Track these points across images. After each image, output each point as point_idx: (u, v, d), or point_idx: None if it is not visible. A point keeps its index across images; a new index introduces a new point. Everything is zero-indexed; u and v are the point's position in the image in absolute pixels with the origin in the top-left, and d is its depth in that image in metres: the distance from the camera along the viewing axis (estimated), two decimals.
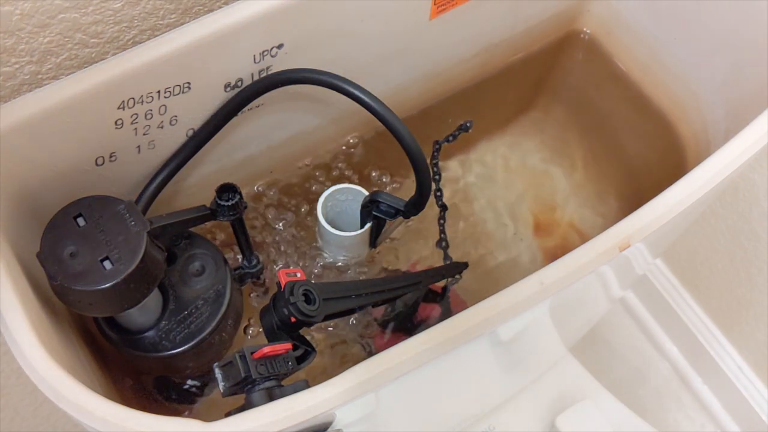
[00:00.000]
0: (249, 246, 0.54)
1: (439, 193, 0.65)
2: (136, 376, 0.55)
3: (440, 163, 0.67)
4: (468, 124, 0.65)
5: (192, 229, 0.51)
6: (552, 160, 0.73)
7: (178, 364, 0.49)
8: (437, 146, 0.66)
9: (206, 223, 0.50)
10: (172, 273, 0.49)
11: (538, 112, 0.75)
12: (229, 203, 0.49)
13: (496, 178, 0.71)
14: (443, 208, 0.64)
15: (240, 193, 0.49)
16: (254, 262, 0.56)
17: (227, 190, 0.49)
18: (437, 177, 0.65)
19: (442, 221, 0.64)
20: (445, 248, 0.63)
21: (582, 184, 0.72)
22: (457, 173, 0.70)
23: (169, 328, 0.47)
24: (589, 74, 0.73)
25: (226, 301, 0.49)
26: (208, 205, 0.49)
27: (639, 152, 0.71)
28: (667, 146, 0.68)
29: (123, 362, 0.54)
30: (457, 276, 0.62)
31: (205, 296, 0.49)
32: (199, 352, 0.48)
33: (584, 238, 0.70)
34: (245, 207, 0.50)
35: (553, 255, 0.69)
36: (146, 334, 0.47)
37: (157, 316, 0.48)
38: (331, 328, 0.59)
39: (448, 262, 0.63)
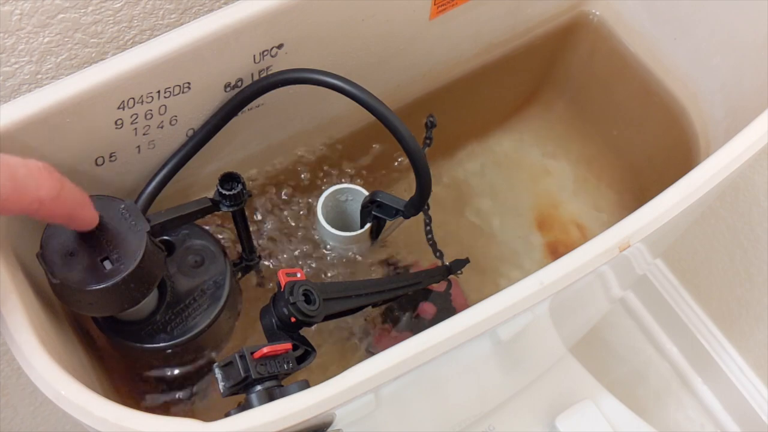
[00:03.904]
0: (249, 238, 0.54)
1: (426, 207, 0.63)
2: (135, 374, 0.55)
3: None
4: (431, 119, 0.62)
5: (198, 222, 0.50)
6: (554, 155, 0.73)
7: (176, 356, 0.49)
8: None
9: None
10: (170, 264, 0.49)
11: (539, 107, 0.75)
12: (232, 192, 0.48)
13: (498, 174, 0.71)
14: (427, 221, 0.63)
15: (243, 183, 0.48)
16: (254, 255, 0.55)
17: (230, 179, 0.49)
18: None
19: (429, 236, 0.62)
20: (441, 257, 0.62)
21: (584, 180, 0.72)
22: (458, 168, 0.70)
23: (166, 320, 0.47)
24: (591, 71, 0.73)
25: (225, 294, 0.48)
26: (210, 196, 0.49)
27: (642, 148, 0.71)
28: (669, 143, 0.68)
29: (122, 360, 0.54)
30: (459, 272, 0.61)
31: (203, 288, 0.49)
32: (197, 344, 0.48)
33: (587, 235, 0.70)
34: (249, 195, 0.50)
35: (555, 251, 0.69)
36: (143, 325, 0.47)
37: (153, 307, 0.47)
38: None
39: (448, 262, 0.63)
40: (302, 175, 0.63)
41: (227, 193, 0.48)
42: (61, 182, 0.35)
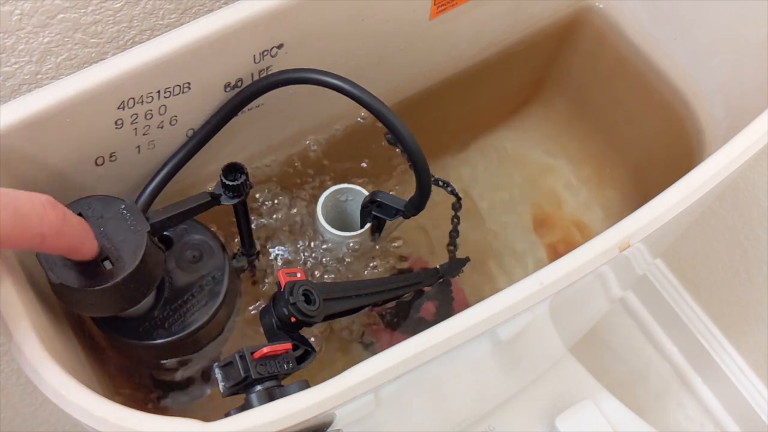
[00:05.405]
0: (250, 233, 0.54)
1: (458, 207, 0.63)
2: (135, 373, 0.55)
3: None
4: (388, 136, 0.61)
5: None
6: (555, 153, 0.73)
7: (175, 353, 0.48)
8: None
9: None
10: (168, 259, 0.49)
11: (540, 105, 0.75)
12: (236, 183, 0.47)
13: (498, 172, 0.71)
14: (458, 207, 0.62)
15: (246, 174, 0.48)
16: (253, 249, 0.55)
17: (233, 170, 0.48)
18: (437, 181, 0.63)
19: (454, 233, 0.62)
20: (452, 257, 0.62)
21: (585, 179, 0.72)
22: (458, 168, 0.70)
23: (164, 316, 0.47)
24: (592, 69, 0.73)
25: (223, 289, 0.48)
26: (210, 190, 0.49)
27: (642, 147, 0.71)
28: (669, 143, 0.68)
29: (122, 358, 0.54)
30: (459, 272, 0.62)
31: (201, 283, 0.48)
32: (196, 340, 0.48)
33: (587, 234, 0.70)
34: (251, 186, 0.49)
35: (555, 251, 0.69)
36: (141, 322, 0.47)
37: (152, 303, 0.47)
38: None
39: (450, 258, 0.63)
40: (302, 175, 0.63)
41: (231, 183, 0.48)
42: (64, 215, 0.35)
